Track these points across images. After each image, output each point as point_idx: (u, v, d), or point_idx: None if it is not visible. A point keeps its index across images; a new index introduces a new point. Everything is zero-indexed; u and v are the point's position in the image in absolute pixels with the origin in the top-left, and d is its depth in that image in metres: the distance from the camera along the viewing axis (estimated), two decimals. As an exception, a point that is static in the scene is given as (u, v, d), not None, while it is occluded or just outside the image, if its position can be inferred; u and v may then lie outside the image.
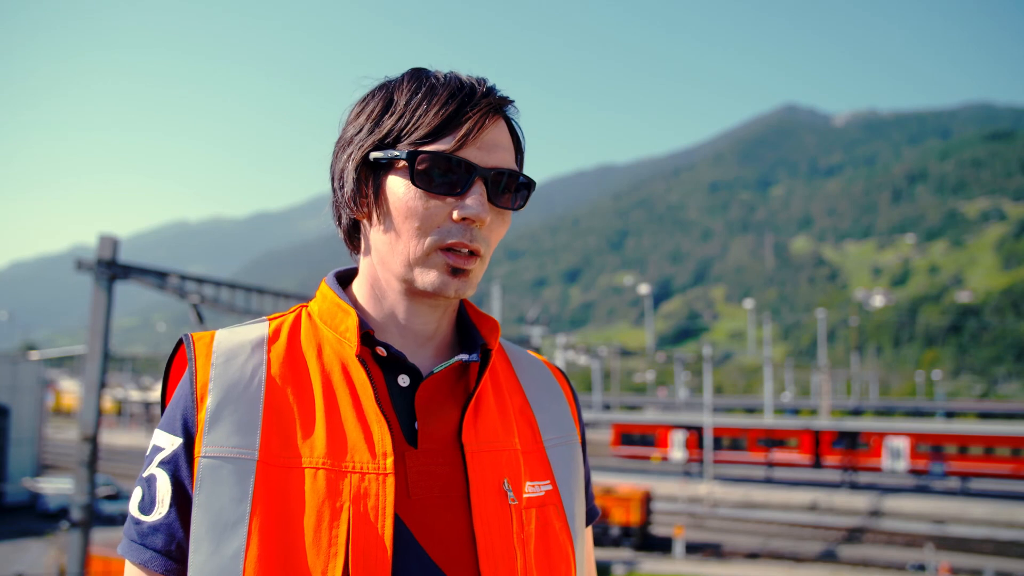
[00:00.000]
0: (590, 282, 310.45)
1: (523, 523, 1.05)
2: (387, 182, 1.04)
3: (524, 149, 1.14)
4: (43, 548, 24.36)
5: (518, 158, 1.12)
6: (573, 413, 1.24)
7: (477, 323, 1.16)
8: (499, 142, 1.05)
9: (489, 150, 1.04)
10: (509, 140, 1.08)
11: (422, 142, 1.01)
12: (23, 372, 34.85)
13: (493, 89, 1.07)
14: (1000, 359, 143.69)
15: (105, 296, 11.91)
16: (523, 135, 1.13)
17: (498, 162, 1.04)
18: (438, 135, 1.01)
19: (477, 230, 1.03)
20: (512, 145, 1.09)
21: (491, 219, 1.05)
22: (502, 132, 1.07)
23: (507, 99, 1.08)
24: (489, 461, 1.05)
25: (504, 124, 1.08)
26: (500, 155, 1.05)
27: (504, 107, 1.07)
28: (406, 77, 1.07)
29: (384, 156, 1.02)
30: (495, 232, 1.08)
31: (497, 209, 1.06)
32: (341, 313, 1.08)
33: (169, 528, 0.97)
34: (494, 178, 1.04)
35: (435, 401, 1.06)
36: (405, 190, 1.02)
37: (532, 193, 1.12)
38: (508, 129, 1.09)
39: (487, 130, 1.04)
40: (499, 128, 1.06)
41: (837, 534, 29.91)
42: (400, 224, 1.03)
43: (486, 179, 1.03)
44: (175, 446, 0.99)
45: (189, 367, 1.03)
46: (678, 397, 77.28)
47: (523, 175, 1.09)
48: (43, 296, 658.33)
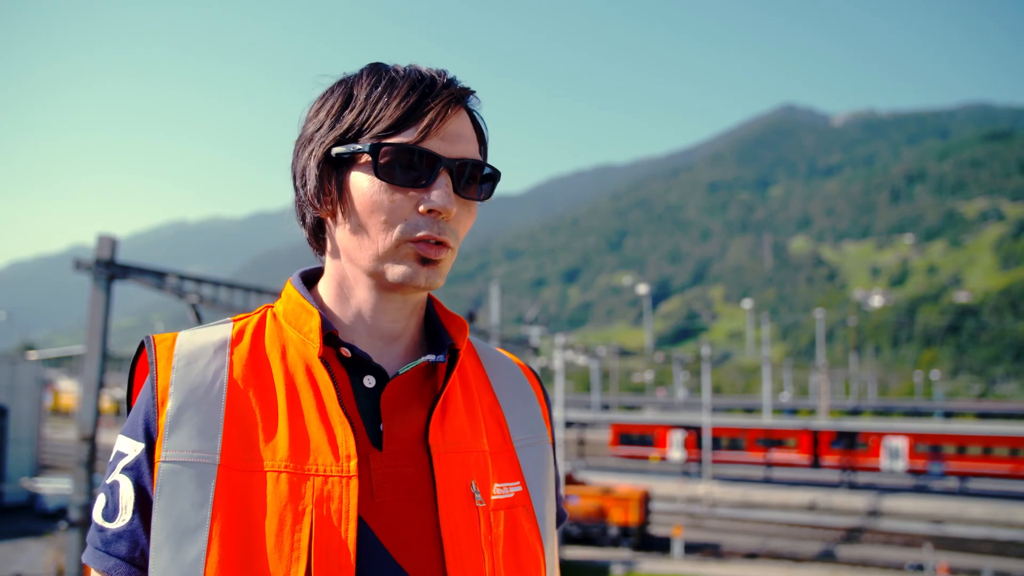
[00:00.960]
0: (589, 282, 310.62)
1: (491, 525, 1.03)
2: (351, 178, 1.03)
3: (487, 140, 1.12)
4: (41, 548, 24.36)
5: (482, 149, 1.10)
6: (544, 413, 1.23)
7: (445, 322, 1.14)
8: (462, 133, 1.04)
9: (452, 141, 1.02)
10: (472, 131, 1.07)
11: (384, 135, 1.00)
12: (21, 372, 34.83)
13: (454, 80, 1.06)
14: (998, 359, 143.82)
15: (104, 296, 11.91)
16: (486, 126, 1.12)
17: (462, 152, 1.03)
18: (400, 127, 1.00)
19: (444, 222, 1.02)
20: (475, 136, 1.07)
21: (458, 210, 1.04)
22: (464, 123, 1.05)
23: (468, 90, 1.06)
24: (456, 462, 1.04)
25: (466, 115, 1.07)
26: (463, 146, 1.04)
27: (466, 98, 1.05)
28: (365, 72, 1.06)
29: (346, 151, 1.01)
30: (462, 223, 1.06)
31: (463, 200, 1.05)
32: (305, 314, 1.06)
33: (133, 535, 0.96)
34: (458, 169, 1.02)
35: (401, 402, 1.05)
36: (369, 184, 1.01)
37: (497, 184, 1.10)
38: (471, 120, 1.08)
39: (449, 121, 1.02)
40: (461, 119, 1.05)
41: (836, 534, 29.93)
42: (366, 219, 1.01)
43: (451, 170, 1.01)
44: (137, 452, 0.98)
45: (150, 371, 1.01)
46: (677, 397, 77.41)
47: (488, 165, 1.07)
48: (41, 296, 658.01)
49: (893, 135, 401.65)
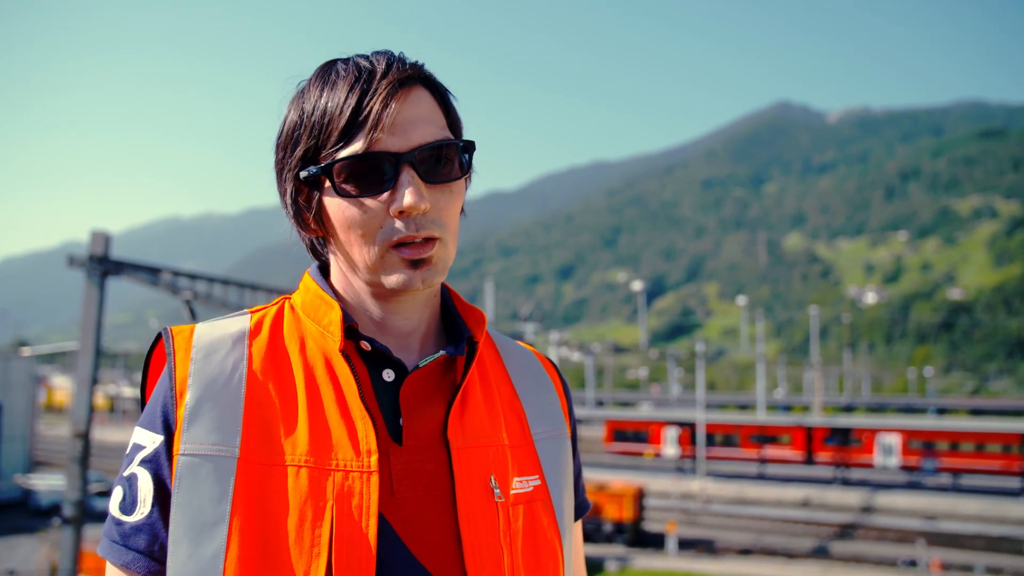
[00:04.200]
0: (583, 279, 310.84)
1: (510, 520, 1.03)
2: (324, 199, 1.02)
3: (453, 107, 1.07)
4: (35, 545, 24.33)
5: (449, 120, 1.05)
6: (563, 405, 1.21)
7: (463, 314, 1.13)
8: (416, 116, 0.99)
9: (406, 130, 0.98)
10: (429, 109, 1.02)
11: (337, 148, 0.97)
12: (15, 368, 34.79)
13: (394, 63, 1.01)
14: (991, 356, 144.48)
15: (97, 292, 11.88)
16: (447, 92, 1.06)
17: (420, 139, 0.98)
18: (349, 136, 0.97)
19: (421, 217, 0.99)
20: (435, 112, 1.02)
21: (435, 198, 1.00)
22: (417, 105, 1.00)
23: (412, 66, 1.01)
24: (475, 457, 1.03)
25: (422, 92, 1.02)
26: (421, 130, 0.99)
27: (413, 77, 1.01)
28: (312, 79, 1.03)
29: (309, 175, 1.00)
30: (446, 210, 1.02)
31: (439, 186, 1.01)
32: (324, 306, 1.05)
33: (152, 528, 0.95)
34: (420, 157, 0.98)
35: (421, 396, 1.04)
36: (339, 202, 0.99)
37: (473, 152, 1.06)
38: (429, 96, 1.02)
39: (396, 110, 0.97)
40: (413, 101, 1.00)
41: (829, 530, 30.02)
42: (346, 236, 1.00)
43: (412, 163, 0.98)
44: (156, 444, 0.97)
45: (168, 362, 1.00)
46: (671, 394, 77.57)
47: (455, 141, 1.02)
48: (35, 292, 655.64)
49: (887, 132, 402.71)
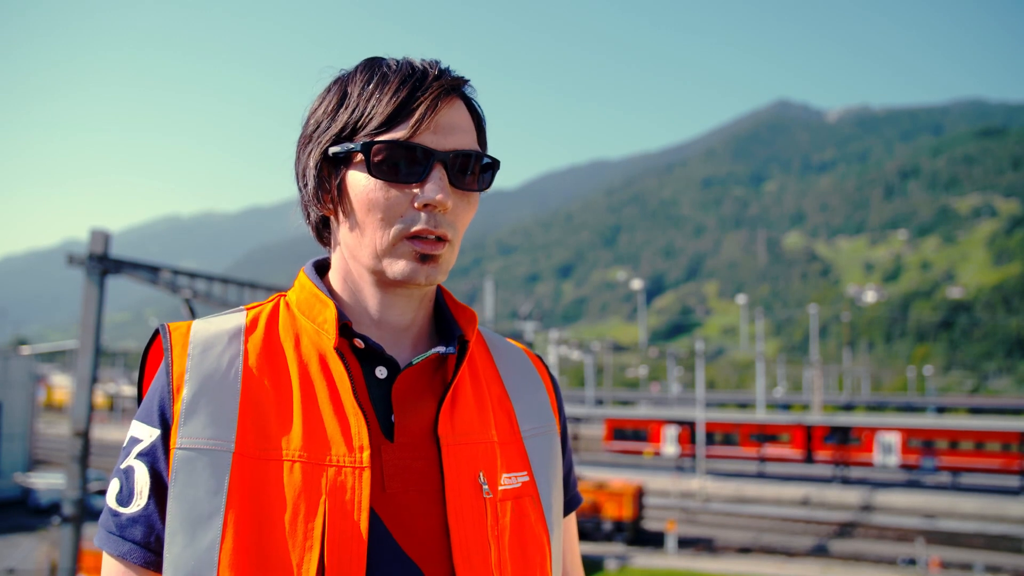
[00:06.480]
0: (583, 277, 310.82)
1: (497, 516, 1.05)
2: (348, 176, 1.03)
3: (485, 128, 1.11)
4: (35, 543, 24.30)
5: (480, 138, 1.09)
6: (552, 402, 1.24)
7: (455, 313, 1.15)
8: (456, 124, 1.04)
9: (446, 133, 1.02)
10: (468, 121, 1.06)
11: (377, 132, 1.00)
12: (14, 367, 34.73)
13: (446, 71, 1.06)
14: (991, 355, 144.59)
15: (97, 291, 11.87)
16: (483, 113, 1.11)
17: (456, 144, 1.03)
18: (392, 123, 1.00)
19: (441, 215, 1.02)
20: (471, 126, 1.07)
21: (455, 203, 1.04)
22: (459, 114, 1.05)
23: (461, 79, 1.06)
24: (464, 454, 1.05)
25: (462, 105, 1.06)
26: (458, 137, 1.03)
27: (459, 87, 1.05)
28: (359, 68, 1.06)
29: (341, 150, 1.02)
30: (461, 216, 1.06)
31: (461, 192, 1.05)
32: (319, 304, 1.07)
33: (148, 520, 0.96)
34: (453, 161, 1.02)
35: (412, 393, 1.06)
36: (365, 182, 1.01)
37: (497, 172, 1.10)
38: (468, 110, 1.07)
39: (442, 113, 1.02)
40: (456, 110, 1.04)
41: (829, 529, 30.05)
42: (364, 217, 1.02)
43: (445, 163, 1.01)
44: (153, 437, 0.98)
45: (165, 358, 1.02)
46: (671, 392, 77.50)
47: (486, 155, 1.07)
48: (34, 291, 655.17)
49: (887, 131, 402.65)
